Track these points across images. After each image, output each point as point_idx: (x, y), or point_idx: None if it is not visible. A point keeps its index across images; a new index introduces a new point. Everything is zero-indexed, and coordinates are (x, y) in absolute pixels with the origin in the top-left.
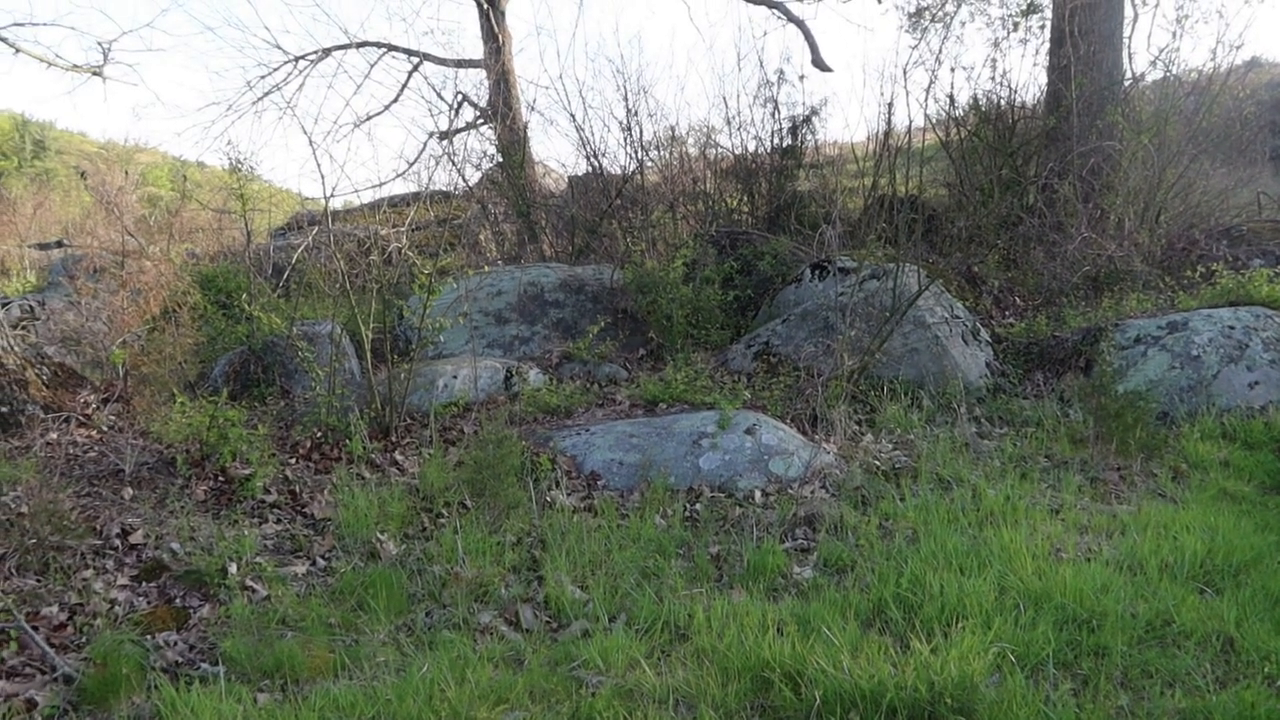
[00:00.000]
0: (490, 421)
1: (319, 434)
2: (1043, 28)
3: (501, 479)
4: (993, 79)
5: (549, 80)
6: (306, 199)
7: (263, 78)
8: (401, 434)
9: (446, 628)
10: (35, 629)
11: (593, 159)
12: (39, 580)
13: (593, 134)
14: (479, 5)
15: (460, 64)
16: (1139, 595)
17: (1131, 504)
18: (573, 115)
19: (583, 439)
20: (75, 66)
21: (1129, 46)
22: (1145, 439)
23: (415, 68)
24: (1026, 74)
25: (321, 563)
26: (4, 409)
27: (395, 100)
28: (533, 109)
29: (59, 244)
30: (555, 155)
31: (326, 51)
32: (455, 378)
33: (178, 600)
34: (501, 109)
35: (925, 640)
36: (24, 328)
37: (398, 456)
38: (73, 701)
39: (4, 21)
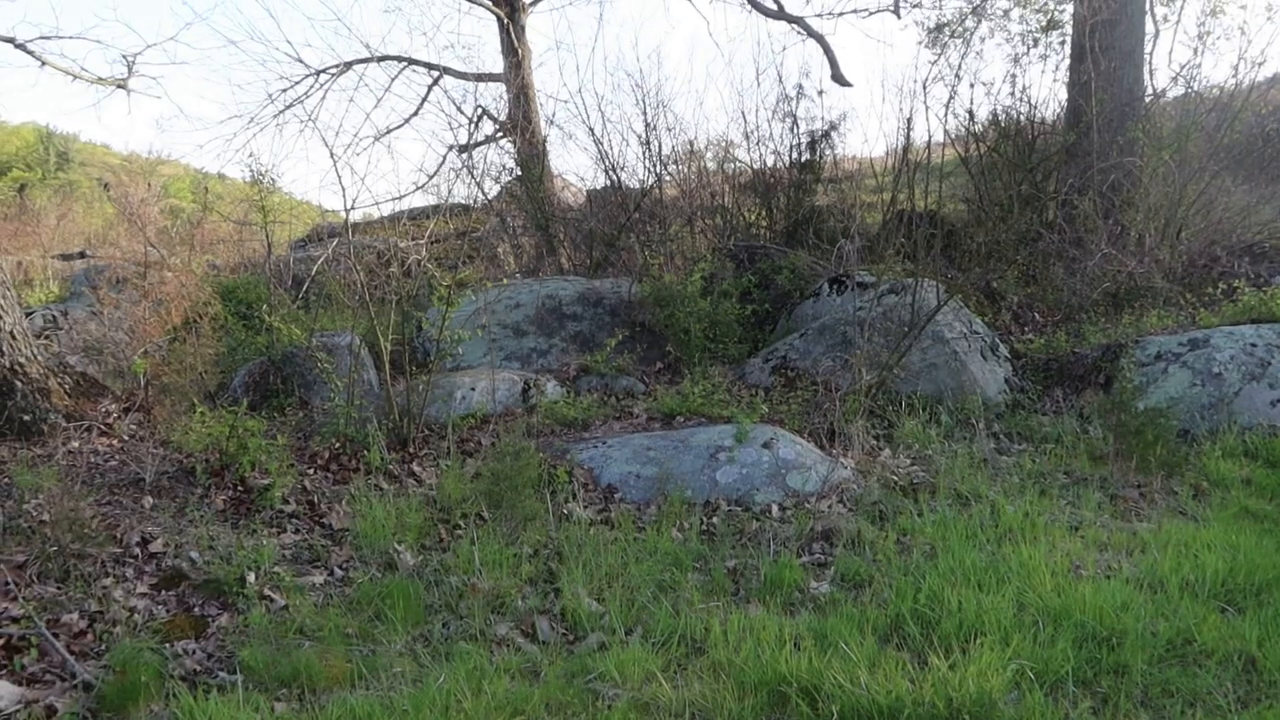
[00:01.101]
0: (508, 433)
1: (337, 445)
2: (1063, 44)
3: (519, 491)
4: (1012, 94)
5: (568, 94)
6: (327, 211)
7: (284, 91)
8: (419, 445)
9: (463, 639)
10: (56, 636)
11: (611, 173)
12: (59, 588)
13: (611, 148)
14: (499, 20)
15: (480, 78)
16: (1159, 613)
17: (1152, 521)
18: (591, 129)
19: (600, 451)
20: (100, 79)
21: (1150, 63)
22: (1166, 456)
23: (435, 81)
24: (1046, 90)
25: (339, 573)
26: (27, 417)
27: (415, 114)
28: (552, 123)
29: (82, 255)
30: (574, 169)
31: (348, 65)
32: (473, 390)
33: (196, 609)
34: (521, 123)
35: (943, 656)
36: (47, 337)
37: (415, 468)
38: (92, 708)
39: (31, 35)
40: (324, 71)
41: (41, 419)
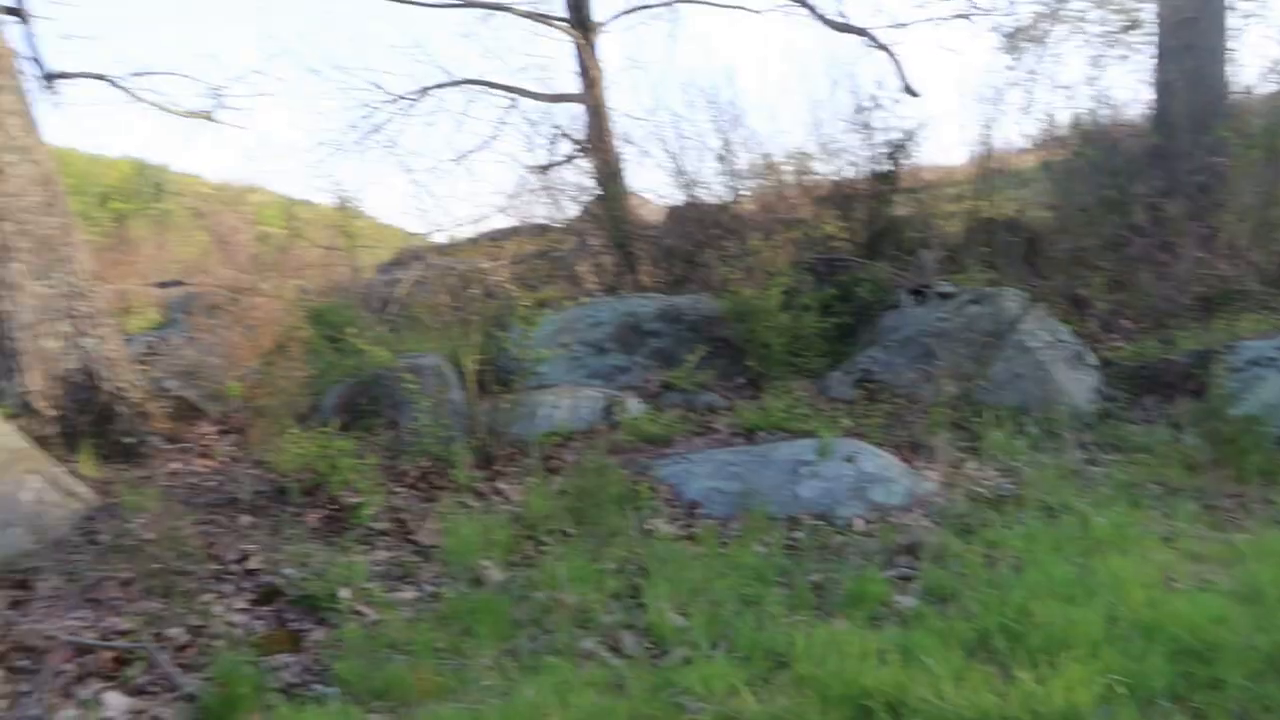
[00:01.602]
0: (591, 450)
1: (425, 463)
2: (1145, 44)
3: (602, 507)
4: (1094, 97)
5: (643, 112)
6: (410, 234)
7: (365, 117)
8: (504, 463)
9: (549, 653)
10: (161, 649)
11: (688, 189)
12: (163, 603)
13: (688, 164)
14: (573, 41)
15: (556, 99)
16: (1258, 626)
17: (1249, 531)
18: (667, 146)
19: (682, 467)
20: (190, 113)
21: (1236, 60)
22: (1263, 464)
23: (512, 104)
24: (1129, 91)
25: (428, 589)
26: (129, 440)
27: (493, 136)
28: (628, 141)
29: (178, 282)
30: (651, 186)
31: (426, 90)
32: (556, 407)
33: (292, 623)
34: (597, 142)
35: (1031, 670)
36: (146, 363)
37: (501, 485)
38: (196, 718)
39: (124, 71)
40: (404, 97)
41: (143, 442)
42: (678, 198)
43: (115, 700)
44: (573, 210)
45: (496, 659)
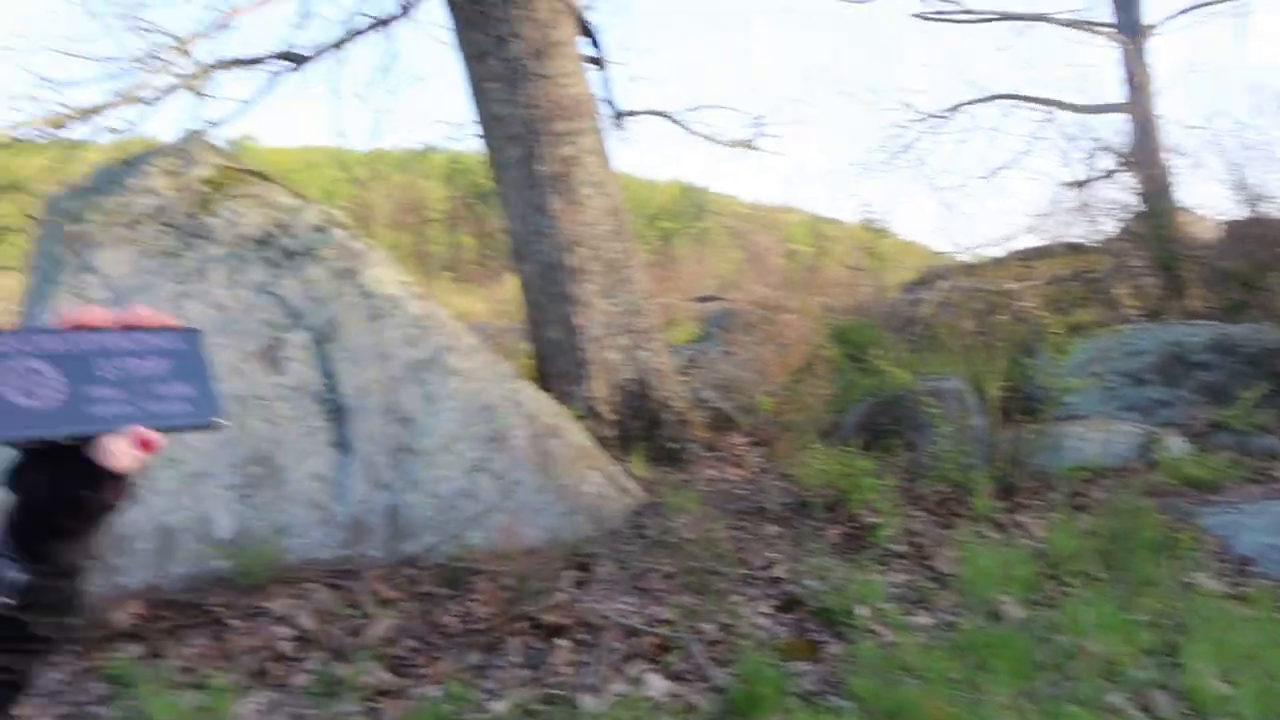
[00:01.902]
0: (1125, 490)
1: (943, 489)
2: None
3: (1135, 552)
4: None
5: (1199, 120)
6: (935, 253)
7: (895, 136)
8: (1026, 495)
9: (1071, 701)
10: (696, 641)
11: (1252, 204)
12: (699, 599)
13: (1253, 176)
14: (1119, 47)
15: (1096, 110)
16: None
17: None
18: (1228, 157)
19: (1232, 518)
20: (734, 142)
21: None
22: None
23: (1048, 117)
24: None
25: (944, 617)
26: (674, 446)
27: (1026, 151)
28: (1179, 152)
29: (714, 297)
30: (1205, 201)
31: (957, 107)
32: (1085, 440)
33: (811, 633)
34: (1142, 154)
35: None
36: (688, 374)
37: (1021, 518)
38: (723, 710)
39: (679, 107)
40: (934, 115)
41: (684, 448)
42: (1238, 213)
43: (656, 682)
44: (1112, 228)
45: (1014, 699)
